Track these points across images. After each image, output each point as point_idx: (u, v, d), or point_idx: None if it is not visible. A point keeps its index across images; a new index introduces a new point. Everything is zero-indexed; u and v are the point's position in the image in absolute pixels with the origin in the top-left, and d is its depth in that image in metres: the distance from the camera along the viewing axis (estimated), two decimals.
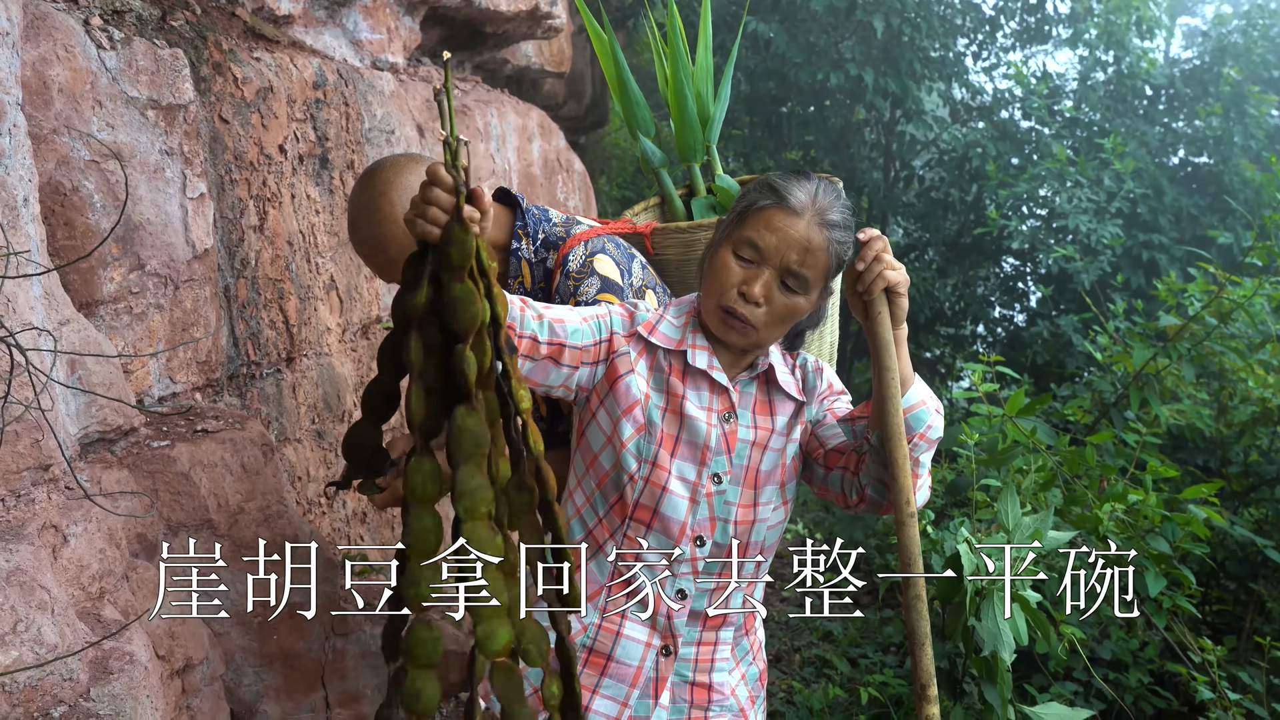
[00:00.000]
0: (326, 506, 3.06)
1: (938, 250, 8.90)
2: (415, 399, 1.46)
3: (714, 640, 1.90)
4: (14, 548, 1.69)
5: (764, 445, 1.87)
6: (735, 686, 1.92)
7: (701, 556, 1.83)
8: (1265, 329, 4.38)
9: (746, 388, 1.88)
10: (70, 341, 1.98)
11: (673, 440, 1.82)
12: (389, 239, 2.08)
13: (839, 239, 1.78)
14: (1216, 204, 8.07)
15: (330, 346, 3.14)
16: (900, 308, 1.72)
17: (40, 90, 2.08)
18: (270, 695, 2.39)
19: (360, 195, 2.11)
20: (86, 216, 2.15)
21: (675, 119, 2.53)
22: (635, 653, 1.86)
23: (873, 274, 1.69)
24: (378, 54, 3.77)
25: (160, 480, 2.19)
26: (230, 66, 2.67)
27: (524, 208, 2.24)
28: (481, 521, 1.41)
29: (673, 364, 1.85)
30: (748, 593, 1.89)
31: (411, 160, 2.13)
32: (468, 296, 1.44)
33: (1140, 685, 3.51)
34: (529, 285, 2.24)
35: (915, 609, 1.73)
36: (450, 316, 1.45)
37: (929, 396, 1.76)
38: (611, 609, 1.87)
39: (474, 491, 1.40)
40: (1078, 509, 3.38)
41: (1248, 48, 8.54)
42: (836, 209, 1.79)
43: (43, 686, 1.63)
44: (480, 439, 1.41)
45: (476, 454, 1.41)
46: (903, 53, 7.93)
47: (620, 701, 1.86)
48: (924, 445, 1.76)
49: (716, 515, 1.82)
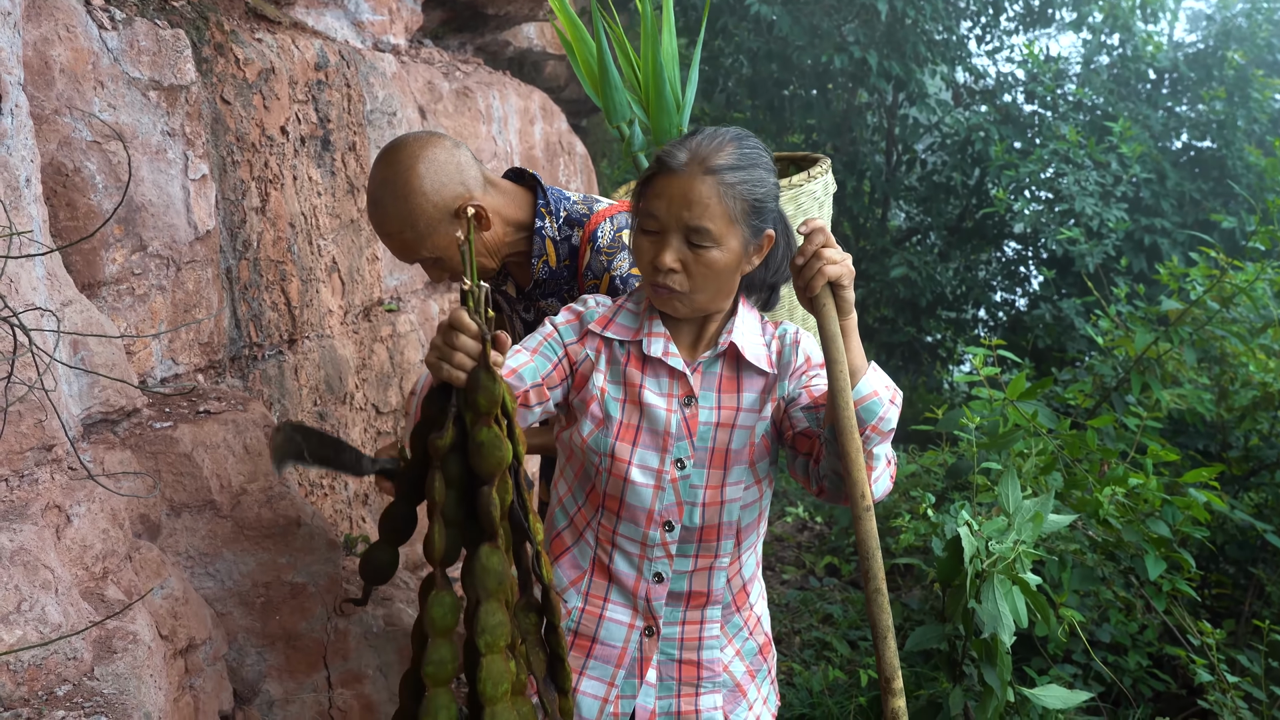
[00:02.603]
0: (328, 488, 3.07)
1: (939, 234, 8.89)
2: (436, 535, 1.58)
3: (700, 619, 1.91)
4: (17, 527, 1.70)
5: (731, 424, 1.84)
6: (729, 663, 1.93)
7: (672, 540, 1.85)
8: (1267, 313, 4.37)
9: (710, 367, 1.86)
10: (73, 322, 1.98)
11: (633, 430, 1.84)
12: (417, 214, 2.04)
13: (733, 179, 1.73)
14: (1219, 188, 8.05)
15: (332, 328, 3.15)
16: (845, 300, 1.69)
17: (42, 70, 2.07)
18: (273, 675, 2.40)
19: (385, 172, 2.06)
20: (88, 197, 2.15)
21: (651, 104, 2.52)
22: (619, 634, 1.90)
23: (813, 270, 1.67)
24: (379, 35, 3.76)
25: (163, 461, 2.20)
26: (232, 47, 2.67)
27: (544, 186, 2.24)
28: (499, 655, 1.53)
29: (630, 354, 1.87)
30: (731, 571, 1.90)
31: (433, 137, 2.10)
32: (494, 441, 1.54)
33: (1139, 668, 3.52)
34: (554, 264, 2.22)
35: (876, 603, 1.72)
36: (476, 460, 1.55)
37: (883, 386, 1.72)
38: (594, 593, 1.92)
39: (495, 628, 1.52)
40: (1078, 492, 3.38)
41: (1252, 31, 8.51)
42: (724, 152, 1.75)
43: (47, 665, 1.64)
44: (503, 577, 1.54)
45: (499, 591, 1.53)
46: (906, 35, 7.91)
47: (606, 682, 1.90)
48: (876, 438, 1.71)
49: (683, 500, 1.83)
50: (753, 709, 1.95)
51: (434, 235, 2.07)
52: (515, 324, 2.38)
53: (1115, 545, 3.34)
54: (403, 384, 3.55)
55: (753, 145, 1.80)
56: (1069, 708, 2.80)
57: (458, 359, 1.54)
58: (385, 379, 3.45)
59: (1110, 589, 3.56)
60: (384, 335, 3.46)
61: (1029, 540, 2.58)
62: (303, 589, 2.40)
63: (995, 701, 2.65)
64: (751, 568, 1.93)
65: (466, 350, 1.55)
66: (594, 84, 2.57)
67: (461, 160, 2.09)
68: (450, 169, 2.07)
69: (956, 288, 8.50)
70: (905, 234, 9.47)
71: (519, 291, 2.32)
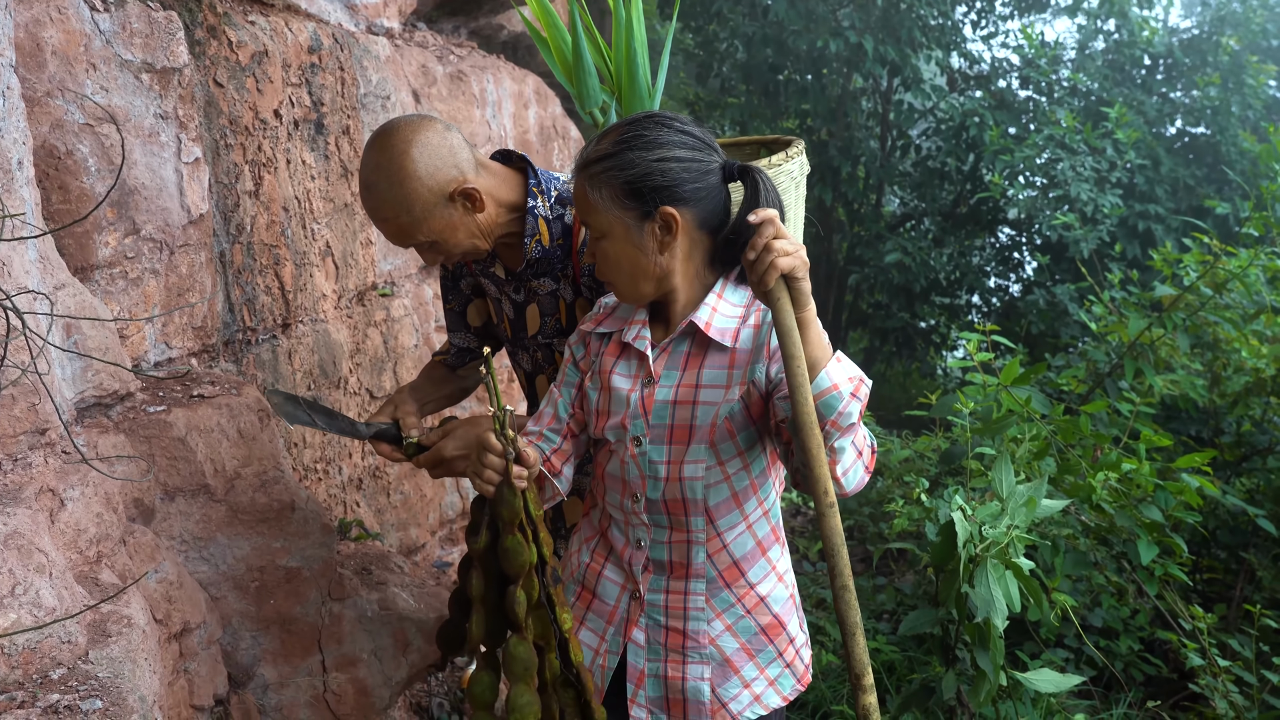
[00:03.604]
0: (322, 473, 3.06)
1: (934, 219, 8.89)
2: (475, 624, 1.88)
3: (683, 590, 1.94)
4: (11, 511, 1.69)
5: (691, 401, 1.87)
6: (716, 636, 1.93)
7: (641, 511, 1.94)
8: (1260, 299, 4.39)
9: (678, 346, 1.92)
10: (66, 306, 1.97)
11: (605, 411, 1.97)
12: (413, 198, 2.04)
13: (598, 169, 1.82)
14: (1213, 174, 8.06)
15: (326, 313, 3.14)
16: (801, 291, 1.67)
17: (33, 52, 2.06)
18: (267, 659, 2.40)
19: (378, 157, 2.05)
20: (81, 180, 2.14)
21: (624, 90, 2.50)
22: (612, 593, 2.03)
23: (764, 264, 1.64)
24: (373, 18, 3.74)
25: (156, 445, 2.19)
26: (225, 30, 2.65)
27: (533, 166, 2.23)
28: None
29: (606, 344, 2.01)
30: (712, 548, 1.92)
31: (424, 120, 2.09)
32: (517, 548, 1.81)
33: (1131, 652, 3.54)
34: (547, 243, 2.22)
35: (843, 599, 1.72)
36: (503, 563, 1.83)
37: (845, 379, 1.68)
38: (598, 552, 2.07)
39: (524, 707, 1.80)
40: (1071, 478, 3.40)
41: (1246, 17, 8.50)
42: (599, 146, 1.84)
43: (41, 649, 1.64)
44: (529, 663, 1.81)
45: (526, 675, 1.81)
46: (902, 20, 7.90)
47: (599, 635, 2.04)
48: (836, 433, 1.68)
49: (645, 474, 1.91)
50: (749, 687, 1.94)
51: (430, 219, 2.07)
52: (504, 306, 2.38)
53: (1108, 530, 3.35)
54: (396, 368, 3.55)
55: (643, 128, 1.82)
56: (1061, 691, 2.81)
57: (487, 475, 1.80)
58: (379, 364, 3.44)
59: (1102, 574, 3.58)
60: (378, 320, 3.45)
61: (1022, 525, 2.59)
62: (297, 573, 2.41)
63: (988, 685, 2.66)
64: (746, 547, 1.93)
65: (494, 468, 1.80)
66: (566, 71, 2.54)
67: (454, 143, 2.09)
68: (444, 152, 2.07)
69: (950, 273, 8.50)
70: (899, 219, 9.47)
71: (508, 273, 2.32)
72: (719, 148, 1.88)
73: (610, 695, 2.02)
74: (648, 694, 1.98)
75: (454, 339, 2.54)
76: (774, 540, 1.98)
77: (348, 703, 2.49)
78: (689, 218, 1.82)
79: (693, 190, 1.81)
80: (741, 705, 1.95)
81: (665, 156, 1.79)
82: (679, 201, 1.80)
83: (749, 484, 1.91)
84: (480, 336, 2.53)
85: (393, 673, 2.57)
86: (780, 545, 2.01)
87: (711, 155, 1.84)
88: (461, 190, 2.08)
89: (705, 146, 1.84)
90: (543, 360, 2.39)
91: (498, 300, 2.40)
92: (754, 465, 1.90)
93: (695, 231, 1.85)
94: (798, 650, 2.01)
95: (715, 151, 1.86)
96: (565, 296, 2.29)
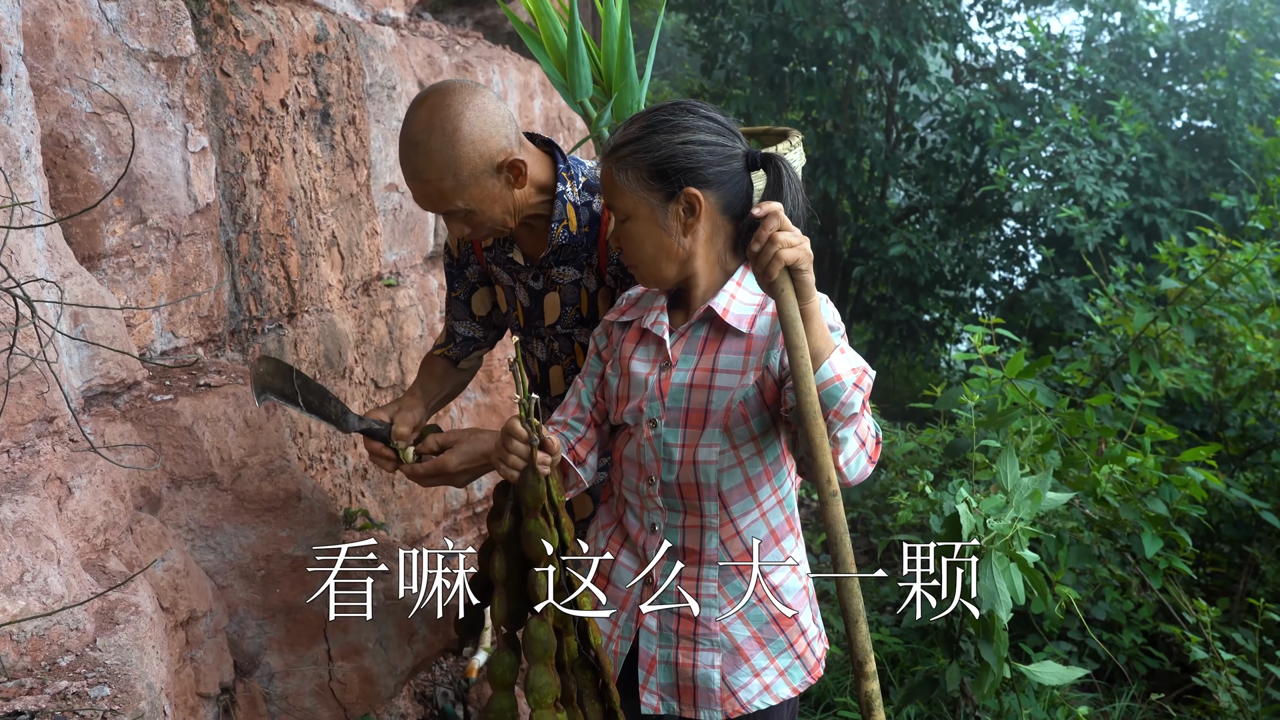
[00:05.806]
0: (328, 463, 3.07)
1: (939, 212, 8.86)
2: (498, 605, 1.96)
3: (695, 576, 1.95)
4: (20, 499, 1.70)
5: (706, 385, 1.90)
6: (727, 623, 1.94)
7: (656, 494, 1.95)
8: (1265, 293, 4.38)
9: (696, 331, 1.94)
10: (73, 294, 1.98)
11: (624, 396, 2.00)
12: (462, 162, 2.01)
13: (625, 153, 1.85)
14: (1219, 168, 8.02)
15: (332, 303, 3.14)
16: (805, 283, 1.69)
17: (41, 41, 2.06)
18: (273, 647, 2.41)
19: (431, 117, 2.01)
20: (88, 169, 2.14)
21: (616, 81, 2.49)
22: (626, 579, 2.04)
23: (768, 256, 1.67)
24: (379, 9, 3.74)
25: (163, 434, 2.20)
26: (231, 19, 2.65)
27: (562, 151, 2.22)
28: (548, 710, 1.84)
29: (626, 332, 2.03)
30: (725, 534, 1.93)
31: (478, 86, 2.07)
32: (539, 532, 1.85)
33: (1134, 645, 3.55)
34: (574, 229, 2.20)
35: (846, 587, 1.74)
36: (525, 546, 1.88)
37: (847, 370, 1.70)
38: (614, 538, 2.09)
39: (542, 687, 1.84)
40: (1076, 471, 3.40)
41: (1253, 10, 8.46)
42: (626, 131, 1.87)
43: (50, 636, 1.65)
44: (548, 645, 1.84)
45: (545, 656, 1.84)
46: (908, 12, 7.87)
47: (612, 620, 2.06)
48: (839, 423, 1.70)
49: (660, 456, 1.93)
50: (759, 676, 1.95)
51: (473, 186, 2.04)
52: (518, 293, 2.36)
53: (1112, 523, 3.35)
54: (402, 359, 3.55)
55: (668, 114, 1.85)
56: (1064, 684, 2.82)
57: (511, 460, 1.85)
58: (384, 354, 3.44)
59: (1106, 567, 3.58)
60: (383, 310, 3.45)
61: (1027, 518, 2.59)
62: (303, 562, 2.41)
63: (992, 677, 2.67)
64: (759, 535, 1.94)
65: (518, 454, 1.85)
66: (557, 61, 2.53)
67: (506, 113, 2.07)
68: (498, 120, 2.04)
69: (955, 266, 8.47)
70: (904, 212, 9.44)
71: (527, 260, 2.30)
72: (742, 136, 1.91)
73: (622, 681, 2.03)
74: (659, 680, 1.99)
75: (459, 328, 2.52)
76: (788, 530, 1.99)
77: (353, 691, 2.49)
78: (712, 201, 1.85)
79: (716, 174, 1.84)
80: (751, 694, 1.96)
81: (690, 140, 1.82)
82: (703, 184, 1.83)
83: (762, 470, 1.93)
84: (484, 326, 2.52)
85: (398, 662, 2.58)
86: (795, 536, 2.01)
87: (735, 142, 1.87)
88: (510, 162, 2.05)
89: (729, 133, 1.87)
90: (559, 350, 2.37)
91: (510, 288, 2.37)
92: (768, 451, 1.92)
93: (718, 216, 1.87)
94: (809, 643, 2.02)
95: (739, 139, 1.89)
96: (588, 286, 2.27)
